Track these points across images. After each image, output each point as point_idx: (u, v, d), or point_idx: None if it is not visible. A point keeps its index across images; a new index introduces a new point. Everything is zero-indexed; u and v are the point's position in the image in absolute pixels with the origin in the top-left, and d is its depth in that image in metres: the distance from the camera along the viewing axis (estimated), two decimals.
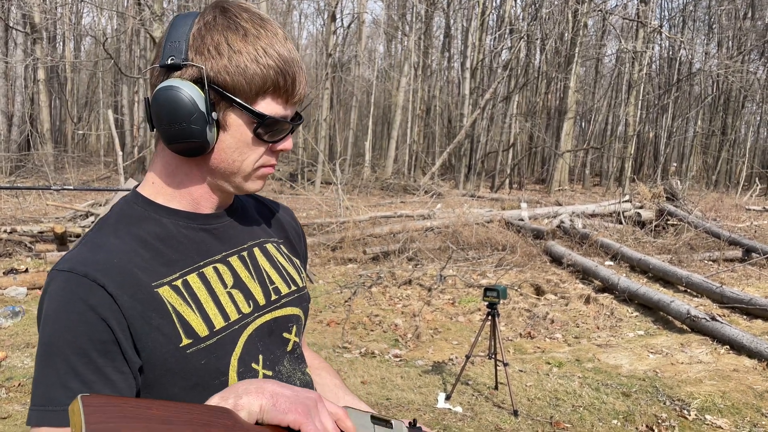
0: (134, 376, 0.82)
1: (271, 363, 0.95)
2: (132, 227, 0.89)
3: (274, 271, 1.01)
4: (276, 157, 0.95)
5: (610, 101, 30.78)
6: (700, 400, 4.16)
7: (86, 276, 0.80)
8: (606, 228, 10.95)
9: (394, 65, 29.11)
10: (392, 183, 20.25)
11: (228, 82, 0.84)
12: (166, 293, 0.85)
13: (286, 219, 1.16)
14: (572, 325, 6.08)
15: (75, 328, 0.78)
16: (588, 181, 28.47)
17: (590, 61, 31.56)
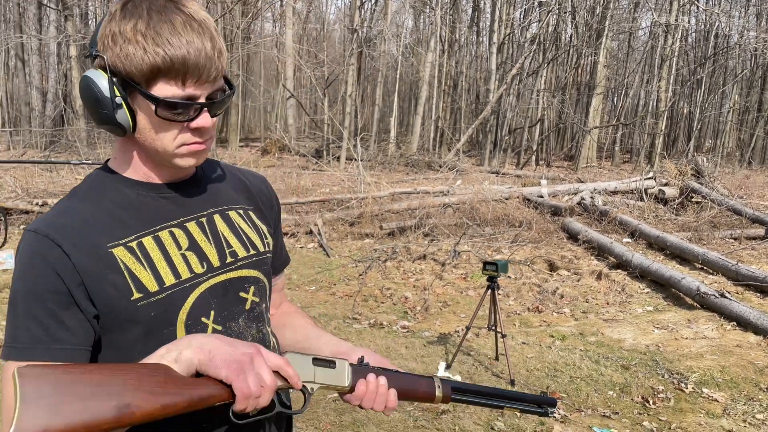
0: (90, 322, 0.94)
1: (223, 319, 1.04)
2: (97, 195, 1.01)
3: (233, 236, 1.10)
4: (200, 134, 0.98)
5: (642, 76, 30.11)
6: (699, 374, 4.22)
7: (47, 236, 0.93)
8: (627, 205, 10.88)
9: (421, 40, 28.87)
10: (417, 159, 20.27)
11: (124, 68, 0.92)
12: (120, 253, 0.96)
13: (258, 187, 1.24)
14: (581, 301, 6.14)
15: (36, 280, 0.92)
16: (617, 158, 28.01)
17: (623, 35, 30.84)
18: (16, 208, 8.75)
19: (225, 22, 25.67)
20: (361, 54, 25.04)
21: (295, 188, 12.11)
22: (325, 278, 6.74)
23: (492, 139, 23.44)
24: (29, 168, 14.17)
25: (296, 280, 6.68)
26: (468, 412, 3.63)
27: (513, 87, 22.91)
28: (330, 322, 5.25)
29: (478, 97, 26.57)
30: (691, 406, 3.81)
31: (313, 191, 11.99)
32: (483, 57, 30.07)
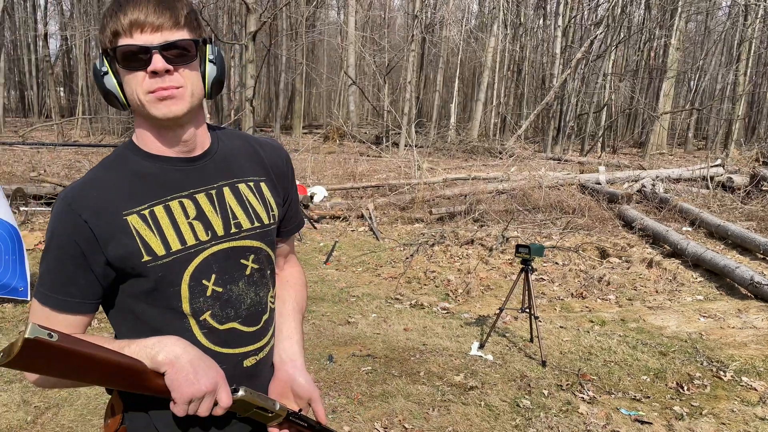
0: (99, 282, 1.13)
1: (223, 282, 1.18)
2: (119, 166, 1.17)
3: (239, 208, 1.21)
4: (161, 80, 1.08)
5: (719, 59, 28.65)
6: (740, 363, 4.14)
7: (70, 205, 1.10)
8: (690, 193, 10.52)
9: (486, 24, 28.50)
10: (476, 146, 20.15)
11: (103, 43, 1.11)
12: (134, 220, 1.11)
13: (273, 159, 1.33)
14: (629, 288, 6.06)
15: (57, 241, 1.11)
16: (691, 145, 26.86)
17: (700, 15, 29.39)
18: None
19: (290, 11, 26.18)
20: (423, 40, 25.00)
21: (351, 174, 12.35)
22: (372, 260, 6.93)
23: (555, 125, 22.96)
24: (105, 153, 15.06)
25: (345, 261, 6.90)
26: (496, 388, 3.72)
27: (578, 71, 22.32)
28: (372, 302, 5.43)
29: (543, 82, 26.02)
30: (727, 394, 3.76)
31: (369, 177, 12.19)
32: (549, 41, 29.36)
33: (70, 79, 33.51)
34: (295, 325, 1.38)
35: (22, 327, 4.61)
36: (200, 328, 1.17)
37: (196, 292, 1.16)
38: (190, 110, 1.13)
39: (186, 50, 1.10)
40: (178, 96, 1.10)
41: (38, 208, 8.77)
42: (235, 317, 1.21)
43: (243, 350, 1.23)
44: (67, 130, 22.40)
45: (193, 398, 1.05)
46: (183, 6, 1.10)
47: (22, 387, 3.61)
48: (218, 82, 1.17)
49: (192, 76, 1.12)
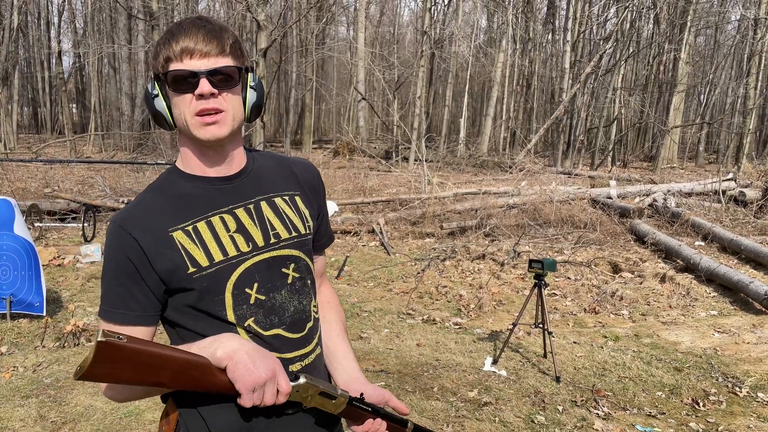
0: (154, 294, 1.21)
1: (266, 290, 1.25)
2: (164, 188, 1.27)
3: (277, 220, 1.30)
4: (205, 102, 1.18)
5: (729, 73, 28.60)
6: (755, 378, 4.11)
7: (120, 226, 1.20)
8: (702, 207, 10.48)
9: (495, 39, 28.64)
10: (486, 160, 20.18)
11: (156, 68, 1.21)
12: (178, 236, 1.21)
13: (305, 176, 1.43)
14: (642, 303, 6.04)
15: (113, 261, 1.20)
16: (702, 159, 26.75)
17: (709, 29, 29.41)
18: (104, 206, 9.46)
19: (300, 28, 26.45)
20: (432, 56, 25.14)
21: (361, 188, 12.40)
22: (384, 275, 6.94)
23: (565, 139, 22.95)
24: (118, 169, 15.21)
25: (356, 276, 6.91)
26: (510, 404, 3.71)
27: (588, 85, 22.35)
28: (384, 317, 5.44)
29: (553, 97, 26.06)
30: (743, 410, 3.73)
31: (379, 191, 12.23)
32: (558, 55, 29.44)
33: (83, 96, 33.95)
34: (347, 345, 1.47)
35: (36, 342, 4.65)
36: (246, 334, 1.24)
37: (240, 300, 1.23)
38: (231, 132, 1.22)
39: (230, 76, 1.19)
40: (221, 121, 1.19)
41: (52, 224, 8.87)
42: (280, 324, 1.27)
43: (289, 355, 1.28)
44: (80, 147, 22.64)
45: (255, 386, 1.11)
46: (229, 36, 1.21)
47: (39, 402, 3.65)
48: (257, 106, 1.27)
49: (234, 101, 1.21)
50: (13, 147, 22.15)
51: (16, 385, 3.88)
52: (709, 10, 26.28)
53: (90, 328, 4.94)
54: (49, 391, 3.80)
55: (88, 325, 4.98)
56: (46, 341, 4.71)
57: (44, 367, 4.21)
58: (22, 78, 30.68)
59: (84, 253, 7.20)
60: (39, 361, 4.29)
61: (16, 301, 5.01)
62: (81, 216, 8.43)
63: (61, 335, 4.76)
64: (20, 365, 4.21)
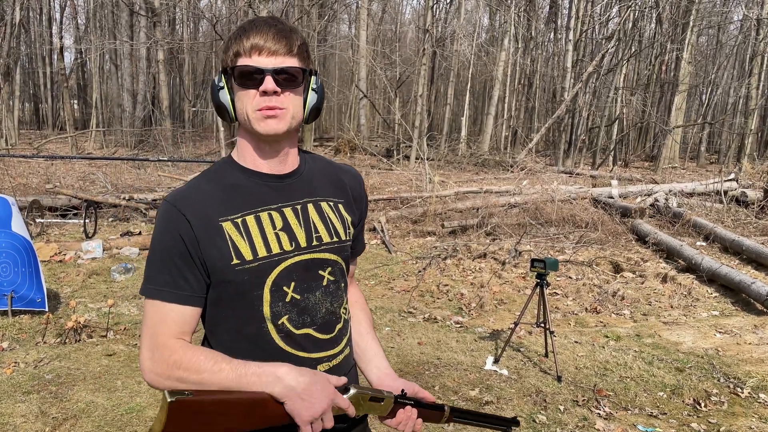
0: (203, 275, 1.23)
1: (302, 290, 1.28)
2: (218, 178, 1.30)
3: (321, 224, 1.34)
4: (268, 99, 1.21)
5: (731, 73, 28.56)
6: (757, 379, 4.11)
7: (175, 206, 1.22)
8: (704, 207, 10.46)
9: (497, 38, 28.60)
10: (487, 159, 20.16)
11: (224, 60, 1.25)
12: (227, 226, 1.23)
13: (351, 184, 1.47)
14: (643, 303, 6.03)
15: (166, 240, 1.22)
16: (703, 159, 26.72)
17: (712, 29, 29.35)
18: (106, 202, 9.46)
19: (302, 25, 26.40)
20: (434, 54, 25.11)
21: None
22: (385, 273, 6.93)
23: (566, 139, 22.92)
24: (119, 165, 15.20)
25: (357, 274, 6.91)
26: (512, 404, 3.71)
27: (589, 85, 22.32)
28: (385, 315, 5.43)
29: (554, 96, 26.00)
30: (745, 411, 3.72)
31: (380, 190, 12.23)
32: (560, 54, 29.38)
33: (84, 92, 33.93)
34: (377, 344, 1.53)
35: (38, 338, 4.65)
36: (278, 332, 1.26)
37: (277, 297, 1.26)
38: (289, 130, 1.26)
39: (294, 76, 1.23)
40: (281, 116, 1.23)
41: (54, 220, 8.87)
42: (311, 324, 1.30)
43: (317, 355, 1.31)
44: (81, 143, 22.63)
45: (313, 420, 1.16)
46: (297, 38, 1.25)
47: (40, 398, 3.64)
48: (316, 109, 1.31)
49: (295, 101, 1.25)
50: (14, 143, 22.14)
51: (17, 380, 3.88)
52: (711, 10, 26.23)
53: (91, 324, 4.94)
54: (51, 387, 3.80)
55: (89, 321, 4.98)
56: (48, 337, 4.71)
57: (45, 363, 4.21)
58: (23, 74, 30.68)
59: (85, 249, 7.20)
60: (40, 357, 4.29)
61: (17, 297, 5.00)
62: (82, 212, 8.43)
63: (62, 331, 4.76)
64: (21, 361, 4.21)
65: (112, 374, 4.05)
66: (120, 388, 3.83)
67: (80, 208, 9.04)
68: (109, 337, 4.81)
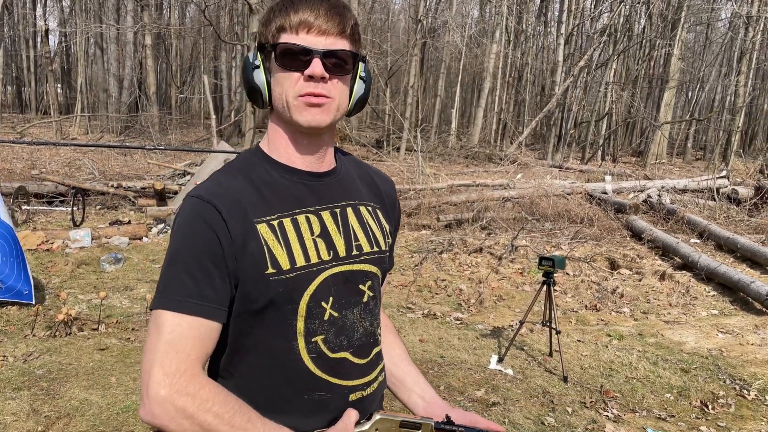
0: (231, 285, 1.05)
1: (340, 306, 1.11)
2: (247, 172, 1.12)
3: (361, 231, 1.17)
4: (314, 85, 1.05)
5: (719, 70, 28.73)
6: (763, 381, 4.07)
7: (209, 202, 1.04)
8: (697, 204, 10.47)
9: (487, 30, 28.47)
10: (478, 152, 20.10)
11: (264, 37, 1.09)
12: (263, 229, 1.06)
13: (386, 188, 1.31)
14: (642, 301, 5.99)
15: (196, 240, 1.03)
16: (689, 155, 26.91)
17: (700, 26, 29.48)
18: (93, 190, 9.24)
19: None
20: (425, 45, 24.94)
21: None
22: None
23: (556, 133, 22.93)
24: (105, 151, 14.92)
25: None
26: (519, 405, 3.63)
27: (580, 79, 22.32)
28: (384, 310, 5.33)
29: (544, 90, 26.00)
30: (753, 414, 3.68)
31: None
32: (550, 48, 29.34)
33: (69, 76, 33.29)
34: (415, 369, 1.37)
35: (26, 331, 4.49)
36: (309, 352, 1.10)
37: (314, 314, 1.09)
38: (332, 123, 1.10)
39: (344, 61, 1.07)
40: (326, 106, 1.07)
41: (40, 207, 8.65)
42: (348, 347, 1.14)
43: (351, 383, 1.15)
44: (65, 128, 22.20)
45: None
46: (351, 16, 1.08)
47: (31, 395, 3.50)
48: (363, 100, 1.15)
49: (342, 90, 1.09)
50: None
51: (6, 376, 3.73)
52: (700, 7, 26.32)
53: (82, 317, 4.79)
54: (42, 383, 3.66)
55: (80, 314, 4.83)
56: (37, 330, 4.55)
57: (35, 357, 4.06)
58: (6, 56, 30.00)
59: (73, 238, 7.00)
60: (29, 351, 4.14)
61: (4, 288, 4.83)
62: (69, 199, 8.22)
63: (52, 324, 4.60)
64: (10, 355, 4.05)
65: (105, 370, 3.91)
66: (114, 384, 3.70)
67: (67, 195, 8.82)
68: (101, 330, 4.66)
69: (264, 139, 1.17)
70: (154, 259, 6.78)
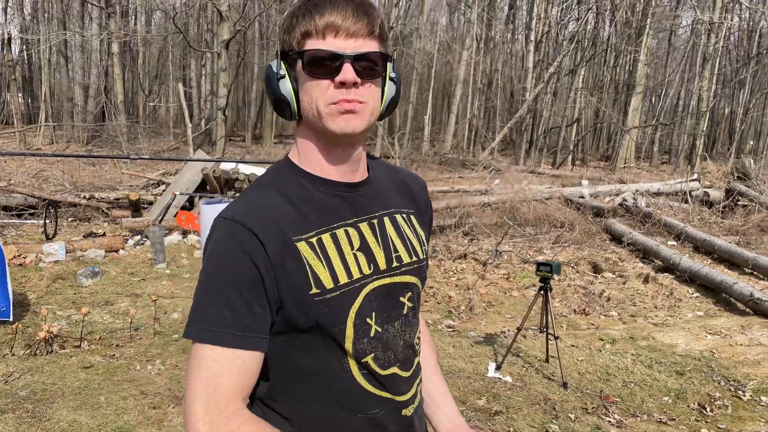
0: (271, 311, 0.99)
1: (381, 321, 1.07)
2: (281, 187, 1.05)
3: (399, 241, 1.12)
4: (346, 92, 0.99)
5: (682, 75, 29.45)
6: (757, 382, 4.11)
7: (243, 225, 0.97)
8: (671, 207, 10.66)
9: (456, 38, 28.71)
10: (451, 158, 20.19)
11: (288, 44, 1.02)
12: (303, 247, 1.00)
13: (418, 190, 1.26)
14: (629, 304, 6.03)
15: (232, 267, 0.96)
16: (656, 159, 27.48)
17: (663, 33, 30.20)
18: (65, 201, 8.96)
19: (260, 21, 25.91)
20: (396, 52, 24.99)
21: None
22: None
23: (527, 138, 23.19)
24: (73, 162, 14.53)
25: None
26: (522, 413, 3.59)
27: (550, 85, 22.62)
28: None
29: (513, 96, 26.29)
30: (750, 414, 3.71)
31: None
32: (518, 55, 29.73)
33: (31, 85, 32.42)
34: (445, 386, 1.32)
35: (5, 350, 4.29)
36: (360, 369, 1.04)
37: (361, 332, 1.04)
38: (366, 129, 1.03)
39: (375, 63, 1.01)
40: (360, 112, 1.00)
41: (9, 221, 8.34)
42: (395, 361, 1.09)
43: (403, 398, 1.10)
44: (30, 138, 21.59)
45: None
46: (378, 15, 1.02)
47: (16, 418, 3.33)
48: (395, 102, 1.09)
49: (375, 93, 1.03)
50: None
51: None
52: (662, 14, 26.96)
53: (63, 334, 4.60)
54: (26, 405, 3.48)
55: (61, 331, 4.64)
56: (16, 349, 4.35)
57: (16, 378, 3.87)
58: None
59: (47, 251, 6.76)
60: (10, 371, 3.95)
61: None
62: (41, 212, 7.95)
63: (31, 342, 4.41)
64: None
65: (92, 389, 3.75)
66: (104, 404, 3.55)
67: (38, 208, 8.53)
68: (84, 347, 4.48)
69: (293, 151, 1.11)
70: (133, 272, 6.59)
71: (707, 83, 24.13)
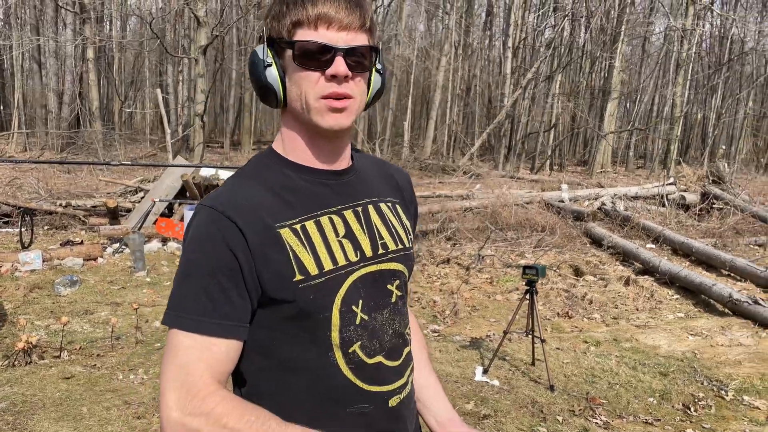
0: (251, 301, 0.98)
1: (368, 309, 1.06)
2: (263, 176, 1.05)
3: (384, 229, 1.13)
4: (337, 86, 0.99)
5: (656, 81, 29.99)
6: (739, 382, 4.17)
7: (223, 213, 0.97)
8: (648, 211, 10.81)
9: (434, 44, 28.88)
10: (431, 163, 20.26)
11: (275, 31, 1.01)
12: (286, 233, 1.00)
13: (403, 183, 1.27)
14: (611, 306, 6.09)
15: (211, 254, 0.96)
16: (631, 164, 27.91)
17: (637, 39, 30.73)
18: (41, 209, 8.79)
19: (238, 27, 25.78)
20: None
21: None
22: None
23: (506, 144, 23.38)
24: (48, 169, 14.28)
25: None
26: (510, 416, 3.60)
27: (528, 91, 22.85)
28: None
29: (491, 101, 26.51)
30: (734, 414, 3.76)
31: None
32: (496, 61, 30.01)
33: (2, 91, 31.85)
34: (436, 379, 1.30)
35: None
36: (347, 363, 1.03)
37: (347, 320, 1.03)
38: (353, 122, 1.05)
39: (365, 57, 1.00)
40: (348, 107, 1.01)
41: None
42: (380, 350, 1.08)
43: (388, 388, 1.09)
44: (2, 146, 21.18)
45: None
46: (368, 7, 1.01)
47: None
48: (380, 92, 1.09)
49: (362, 87, 1.04)
50: None
51: None
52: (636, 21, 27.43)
53: (41, 344, 4.50)
54: (6, 417, 3.40)
55: (39, 341, 4.53)
56: None
57: None
58: None
59: (23, 260, 6.62)
60: None
61: None
62: (16, 220, 7.79)
63: (9, 353, 4.30)
64: None
65: (74, 400, 3.67)
66: (87, 415, 3.47)
67: (12, 216, 8.36)
68: (63, 357, 4.39)
69: (277, 140, 1.11)
70: (112, 280, 6.48)
71: (680, 89, 24.59)
